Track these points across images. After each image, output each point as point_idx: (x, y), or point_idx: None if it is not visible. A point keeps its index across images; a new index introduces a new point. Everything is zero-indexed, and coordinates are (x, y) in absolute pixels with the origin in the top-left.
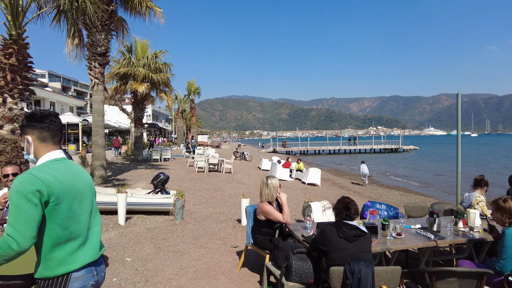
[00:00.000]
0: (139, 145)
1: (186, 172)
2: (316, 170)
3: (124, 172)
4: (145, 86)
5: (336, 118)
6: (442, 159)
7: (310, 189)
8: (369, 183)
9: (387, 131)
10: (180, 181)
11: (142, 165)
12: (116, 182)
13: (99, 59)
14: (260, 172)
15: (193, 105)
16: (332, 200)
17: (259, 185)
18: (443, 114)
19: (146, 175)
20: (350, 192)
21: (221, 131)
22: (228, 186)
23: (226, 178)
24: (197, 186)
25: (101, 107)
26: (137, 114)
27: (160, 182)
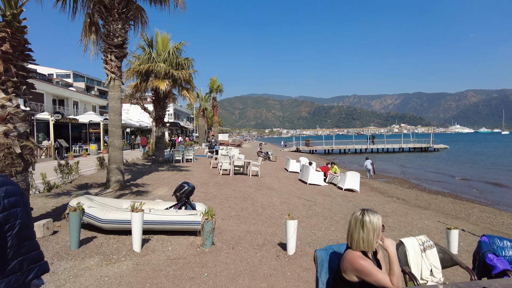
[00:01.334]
0: (160, 145)
1: (210, 175)
2: (354, 174)
3: (144, 175)
4: (166, 83)
5: (357, 115)
6: (479, 159)
7: (350, 196)
8: (412, 189)
9: (410, 129)
10: (205, 186)
11: (163, 167)
12: (134, 188)
13: (116, 51)
14: (288, 174)
15: (215, 103)
16: (382, 210)
17: (350, 222)
18: (470, 111)
19: (168, 179)
20: (393, 198)
21: (240, 130)
22: (258, 194)
23: (253, 182)
24: (224, 193)
25: (118, 105)
26: (158, 112)
27: (185, 194)
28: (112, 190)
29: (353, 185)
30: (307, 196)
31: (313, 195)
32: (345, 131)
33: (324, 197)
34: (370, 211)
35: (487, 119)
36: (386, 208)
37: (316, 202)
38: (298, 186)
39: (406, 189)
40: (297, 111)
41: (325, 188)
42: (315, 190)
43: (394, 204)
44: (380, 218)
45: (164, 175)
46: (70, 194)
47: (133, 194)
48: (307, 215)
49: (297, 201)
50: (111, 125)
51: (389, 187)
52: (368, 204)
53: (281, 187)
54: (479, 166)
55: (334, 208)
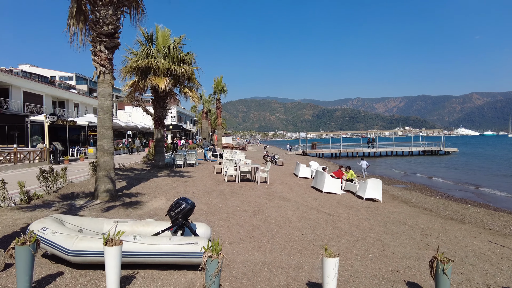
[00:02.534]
0: (160, 148)
1: (213, 181)
2: (376, 181)
3: (141, 182)
4: (167, 80)
5: (361, 118)
6: (494, 163)
7: (374, 208)
8: (435, 196)
9: (415, 132)
10: (208, 196)
11: (163, 172)
12: (127, 199)
13: (106, 40)
14: (298, 180)
15: (220, 104)
16: (415, 224)
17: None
18: (474, 113)
19: (167, 187)
20: (419, 209)
21: (244, 132)
22: (270, 205)
23: (263, 191)
24: (230, 205)
25: (108, 103)
26: (158, 113)
27: (181, 214)
28: (101, 202)
29: (375, 194)
30: (327, 209)
31: (333, 206)
32: (349, 134)
33: (346, 210)
34: None
35: (492, 122)
36: (419, 223)
37: (340, 216)
38: (314, 196)
39: (430, 197)
40: (301, 114)
41: (344, 198)
42: (333, 200)
43: (425, 217)
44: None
45: (163, 182)
46: (50, 206)
47: (124, 206)
48: (334, 236)
49: (317, 216)
50: (101, 126)
51: (410, 194)
52: (397, 217)
53: (295, 196)
54: (497, 171)
55: (362, 225)
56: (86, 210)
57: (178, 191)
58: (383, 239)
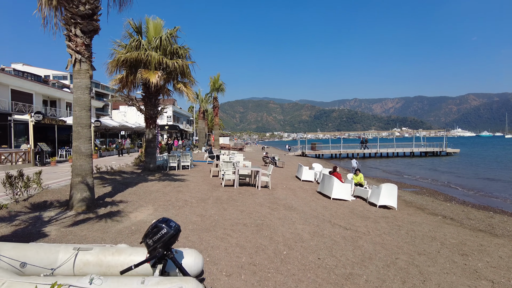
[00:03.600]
0: (151, 150)
1: (209, 186)
2: (390, 186)
3: (128, 187)
4: (158, 74)
5: (358, 119)
6: (501, 164)
7: (392, 217)
8: (449, 202)
9: (412, 133)
10: (202, 205)
11: (154, 176)
12: (106, 208)
13: (82, 23)
14: (302, 184)
15: (217, 103)
16: (444, 239)
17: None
18: (471, 114)
19: (157, 193)
20: (438, 217)
21: (241, 133)
22: (275, 217)
23: (265, 197)
24: (228, 217)
25: (85, 97)
26: (150, 111)
27: (161, 242)
28: (74, 213)
29: (389, 201)
30: (341, 220)
31: (347, 217)
32: (346, 134)
33: (363, 221)
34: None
35: (488, 123)
36: (449, 237)
37: (358, 230)
38: (322, 203)
39: (445, 203)
40: (298, 114)
41: (355, 205)
42: (345, 209)
43: (451, 228)
44: None
45: (153, 187)
46: (13, 220)
47: (102, 219)
48: (358, 259)
49: (332, 231)
50: (76, 123)
51: (423, 200)
52: (421, 229)
53: (301, 204)
54: (506, 171)
55: (388, 243)
56: (54, 224)
57: (168, 199)
58: (418, 263)
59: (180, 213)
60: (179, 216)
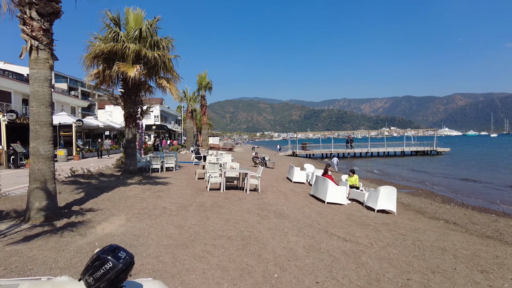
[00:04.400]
0: (131, 150)
1: (193, 190)
2: (389, 189)
3: (103, 192)
4: (137, 68)
5: (348, 119)
6: (492, 161)
7: (393, 224)
8: (448, 203)
9: (400, 132)
10: (183, 212)
11: (134, 179)
12: (70, 218)
13: (38, 3)
14: (293, 186)
15: (204, 102)
16: (453, 250)
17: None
18: (457, 114)
19: (134, 199)
20: (440, 221)
21: (232, 133)
22: (264, 227)
23: (253, 202)
24: (211, 228)
25: (44, 90)
26: (129, 109)
27: (106, 281)
28: (30, 226)
29: (388, 205)
30: (339, 229)
31: (345, 225)
32: (336, 134)
33: (363, 230)
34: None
35: (474, 122)
36: (459, 247)
37: (359, 242)
38: (317, 208)
39: (444, 205)
40: (288, 114)
41: (352, 210)
42: (341, 215)
43: (458, 236)
44: None
45: (131, 191)
46: None
47: (62, 232)
48: (363, 282)
49: (330, 243)
50: (34, 121)
51: (421, 202)
52: (427, 238)
53: (294, 210)
54: (499, 170)
55: (394, 257)
56: (1, 241)
57: (145, 206)
58: (434, 285)
59: (156, 223)
60: (154, 227)
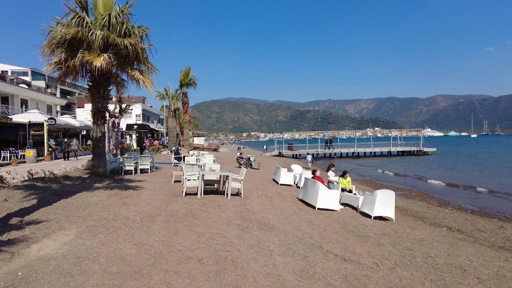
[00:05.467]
0: (99, 151)
1: (167, 195)
2: (387, 194)
3: (61, 198)
4: (105, 57)
5: (333, 119)
6: (479, 162)
7: (394, 234)
8: (445, 207)
9: (384, 133)
10: (148, 225)
11: (102, 183)
12: (2, 235)
13: None
14: (280, 190)
15: (186, 99)
16: (469, 268)
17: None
18: (439, 115)
19: (94, 207)
20: (442, 228)
21: (218, 133)
22: (245, 243)
23: (235, 210)
24: (178, 247)
25: None
26: (97, 104)
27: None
28: None
29: (386, 210)
30: (335, 244)
31: (341, 238)
32: (321, 134)
33: (363, 244)
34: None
35: (455, 123)
36: (475, 264)
37: (361, 262)
38: (307, 216)
39: (443, 210)
40: (274, 115)
41: (346, 216)
42: (336, 224)
43: (468, 248)
44: None
45: (94, 197)
46: None
47: None
48: None
49: (327, 265)
50: None
51: (418, 206)
52: (435, 251)
53: (281, 220)
54: (488, 170)
55: (408, 284)
56: None
57: (105, 215)
58: None
59: (111, 240)
60: (107, 246)
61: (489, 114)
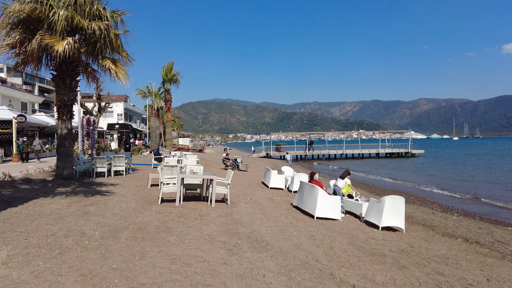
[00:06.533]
0: (65, 150)
1: (139, 202)
2: (396, 200)
3: (9, 206)
4: (69, 42)
5: (318, 122)
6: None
7: (409, 249)
8: (450, 213)
9: (368, 135)
10: (108, 242)
11: (66, 187)
12: None
13: None
14: (271, 194)
15: (169, 96)
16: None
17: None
18: (422, 118)
19: (48, 218)
20: (457, 239)
21: (204, 134)
22: (233, 271)
23: (220, 222)
24: (140, 279)
25: None
26: (62, 96)
27: None
28: None
29: (395, 220)
30: (348, 269)
31: (353, 258)
32: (307, 136)
33: (382, 267)
34: None
35: (437, 126)
36: None
37: None
38: (307, 229)
39: (450, 216)
40: (261, 116)
41: (350, 228)
42: (342, 238)
43: (503, 267)
44: None
45: (51, 205)
46: None
47: None
48: None
49: None
50: None
51: (421, 212)
52: (471, 275)
53: (277, 234)
54: (481, 174)
55: None
56: None
57: (56, 230)
58: None
59: (50, 268)
60: (41, 278)
61: (469, 117)
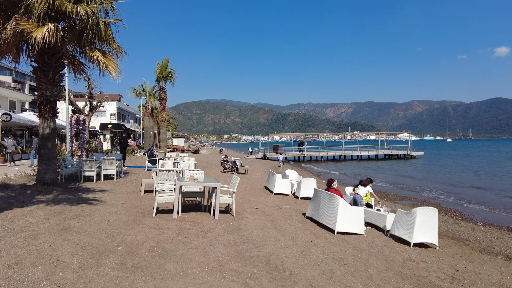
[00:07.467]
0: (47, 152)
1: (131, 214)
2: (429, 212)
3: None
4: (50, 28)
5: (313, 123)
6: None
7: (457, 275)
8: (473, 222)
9: (362, 136)
10: (90, 272)
11: (47, 194)
12: None
13: None
14: (278, 201)
15: (164, 95)
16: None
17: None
18: (415, 120)
19: (18, 235)
20: (498, 258)
21: (198, 135)
22: None
23: (226, 240)
24: None
25: None
26: (44, 91)
27: None
28: None
29: (428, 236)
30: None
31: None
32: (302, 137)
33: None
34: None
35: (430, 128)
36: None
37: None
38: (330, 248)
39: (476, 226)
40: (256, 117)
41: (378, 245)
42: (375, 261)
43: None
44: None
45: (22, 220)
46: None
47: None
48: None
49: None
50: None
51: (444, 222)
52: None
53: (299, 258)
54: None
55: None
56: None
57: (21, 256)
58: None
59: None
60: None
61: (462, 119)
